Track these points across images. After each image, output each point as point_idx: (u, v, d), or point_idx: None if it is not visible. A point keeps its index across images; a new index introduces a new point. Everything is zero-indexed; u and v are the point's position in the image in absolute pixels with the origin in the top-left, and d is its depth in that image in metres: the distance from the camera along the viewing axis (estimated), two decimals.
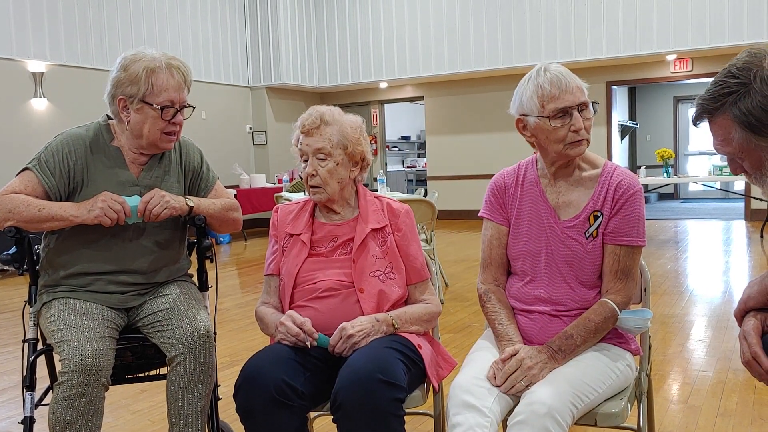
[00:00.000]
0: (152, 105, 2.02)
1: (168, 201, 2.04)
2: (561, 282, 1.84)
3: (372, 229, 1.97)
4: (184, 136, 2.24)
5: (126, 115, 2.05)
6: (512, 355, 1.69)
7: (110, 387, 1.94)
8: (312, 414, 2.27)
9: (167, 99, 2.03)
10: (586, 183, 1.86)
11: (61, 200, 2.03)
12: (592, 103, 1.81)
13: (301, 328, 1.82)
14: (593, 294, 1.83)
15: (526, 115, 1.82)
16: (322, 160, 1.94)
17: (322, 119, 1.94)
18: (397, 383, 1.68)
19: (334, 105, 2.06)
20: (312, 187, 1.96)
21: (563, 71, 1.79)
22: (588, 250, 1.82)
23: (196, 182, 2.25)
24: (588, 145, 1.83)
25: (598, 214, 1.82)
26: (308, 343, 1.81)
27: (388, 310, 1.92)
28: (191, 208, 2.12)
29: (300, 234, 2.00)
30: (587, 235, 1.82)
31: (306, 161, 1.97)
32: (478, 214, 2.02)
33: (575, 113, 1.77)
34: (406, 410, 1.79)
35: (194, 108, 2.14)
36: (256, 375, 1.72)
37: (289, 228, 2.03)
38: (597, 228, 1.81)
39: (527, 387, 1.64)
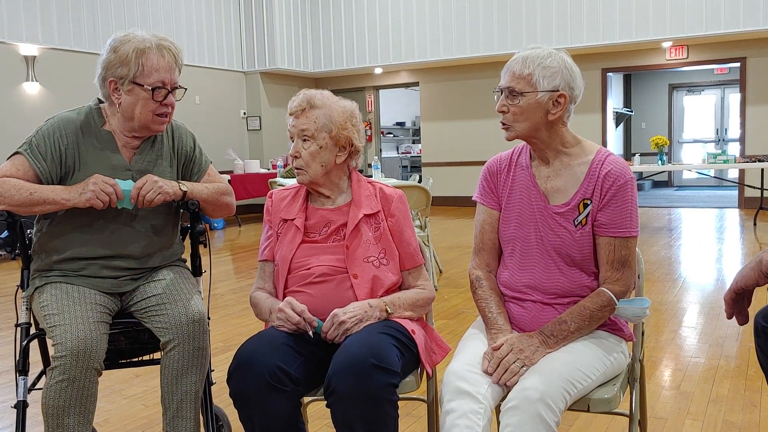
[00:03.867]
0: (143, 86, 2.00)
1: (161, 186, 2.03)
2: (552, 268, 1.83)
3: (365, 215, 1.96)
4: (176, 119, 2.22)
5: (117, 97, 2.03)
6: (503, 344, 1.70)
7: (104, 372, 1.94)
8: (306, 399, 2.27)
9: (158, 80, 2.01)
10: (576, 169, 1.83)
11: (52, 184, 2.02)
12: (513, 93, 1.78)
13: (301, 316, 1.82)
14: (587, 280, 1.82)
15: None
16: (305, 141, 1.94)
17: (309, 102, 1.94)
18: (390, 368, 1.68)
19: (329, 90, 2.05)
20: (296, 168, 1.98)
21: (534, 55, 1.78)
22: (576, 237, 1.80)
23: (189, 166, 2.23)
24: (514, 135, 1.82)
25: (588, 202, 1.80)
26: (310, 332, 1.81)
27: (381, 296, 1.92)
28: (185, 193, 2.11)
29: (294, 219, 1.99)
30: (576, 223, 1.80)
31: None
32: (472, 198, 2.02)
33: (503, 95, 1.81)
34: (400, 395, 1.79)
35: (186, 89, 2.12)
36: (249, 360, 1.72)
37: (283, 213, 2.02)
38: (586, 216, 1.80)
39: (522, 369, 1.64)
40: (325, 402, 1.71)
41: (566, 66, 1.79)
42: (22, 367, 2.00)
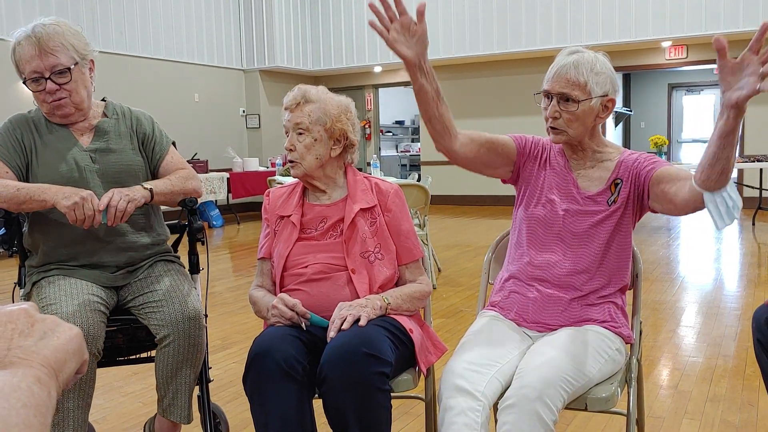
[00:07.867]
0: (25, 82, 1.98)
1: (127, 195, 1.97)
2: (566, 256, 1.86)
3: (361, 209, 1.97)
4: (134, 108, 2.22)
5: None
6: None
7: (102, 369, 1.94)
8: None
9: (31, 71, 1.96)
10: (606, 164, 1.91)
11: (23, 176, 2.04)
12: (568, 99, 1.81)
13: (293, 310, 1.82)
14: (593, 279, 1.85)
15: None
16: (300, 134, 1.94)
17: (304, 96, 1.95)
18: (381, 357, 1.69)
19: (328, 88, 2.05)
20: (290, 161, 1.98)
21: (584, 61, 1.82)
22: (608, 213, 1.85)
23: (149, 145, 2.19)
24: (566, 139, 1.87)
25: (618, 181, 1.87)
26: (303, 325, 1.82)
27: (377, 291, 1.92)
28: (151, 191, 2.04)
29: (290, 216, 2.00)
30: (610, 202, 1.87)
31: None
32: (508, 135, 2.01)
33: (554, 100, 1.83)
34: (398, 393, 1.79)
35: (76, 63, 2.01)
36: (268, 349, 1.73)
37: (280, 210, 2.03)
38: (618, 194, 1.86)
39: None
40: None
41: (611, 70, 1.88)
42: None
